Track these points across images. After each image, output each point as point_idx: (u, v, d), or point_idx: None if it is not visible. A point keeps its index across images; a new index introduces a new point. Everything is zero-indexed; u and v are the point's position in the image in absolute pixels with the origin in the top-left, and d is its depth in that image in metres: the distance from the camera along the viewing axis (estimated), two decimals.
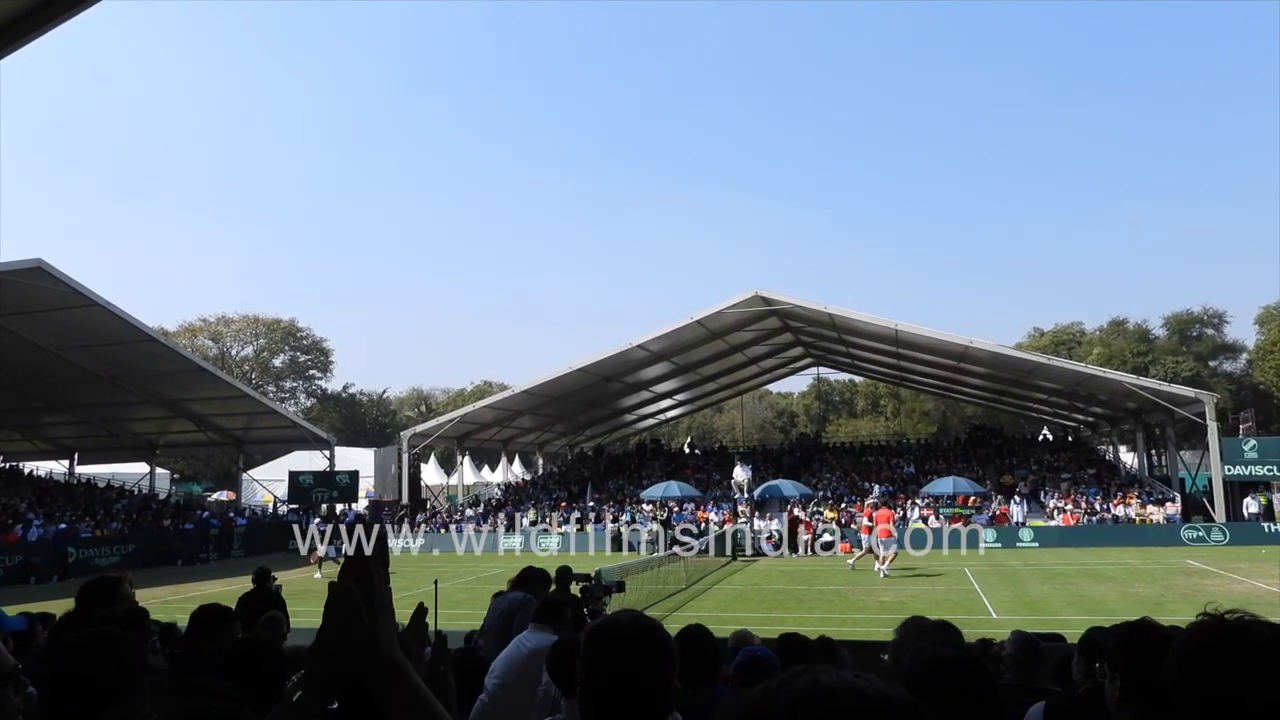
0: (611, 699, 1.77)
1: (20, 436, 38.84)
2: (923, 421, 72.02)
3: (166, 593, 21.26)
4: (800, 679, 0.88)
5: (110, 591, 3.54)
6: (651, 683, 1.78)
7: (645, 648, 1.81)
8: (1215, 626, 1.48)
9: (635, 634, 1.84)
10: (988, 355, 32.06)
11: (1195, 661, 1.44)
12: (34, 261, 25.47)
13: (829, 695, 0.84)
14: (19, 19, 6.00)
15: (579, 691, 1.85)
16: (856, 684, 0.86)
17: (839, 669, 0.89)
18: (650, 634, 1.85)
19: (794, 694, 0.86)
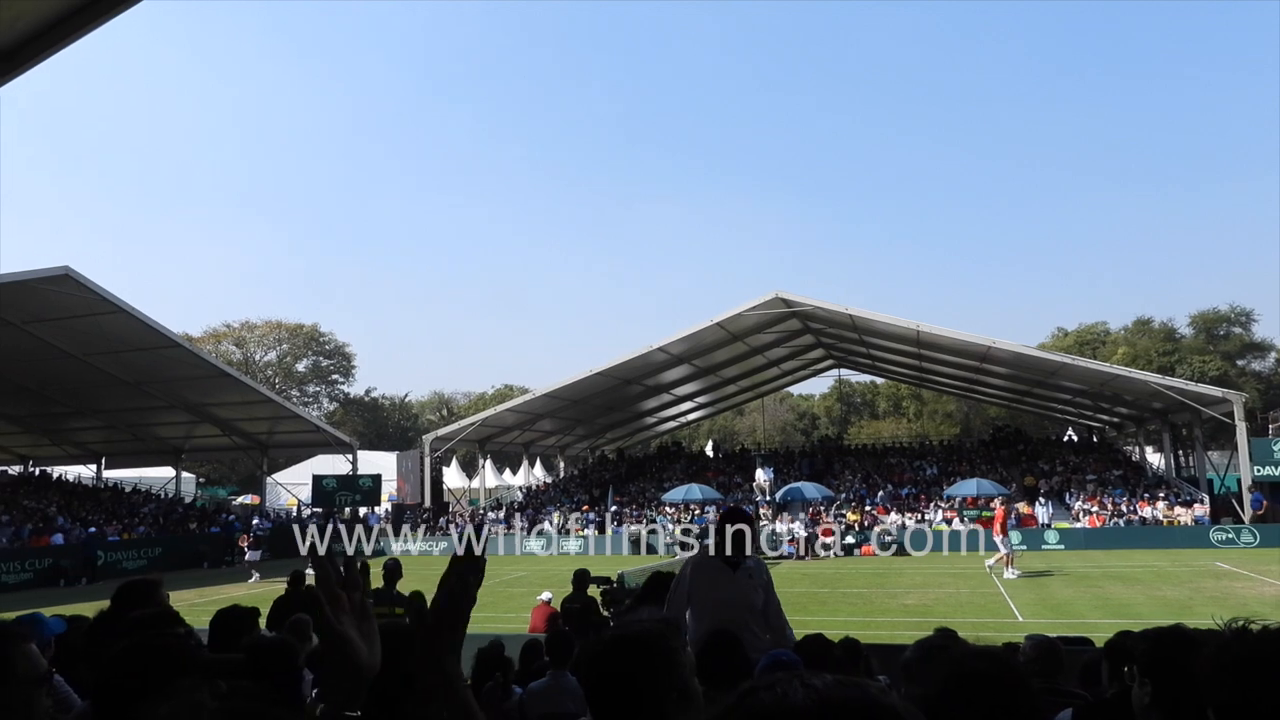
0: (605, 707, 1.77)
1: (49, 441, 39.38)
2: (945, 423, 71.51)
3: (193, 595, 21.47)
4: (745, 702, 0.81)
5: (147, 594, 3.59)
6: (641, 690, 1.76)
7: (633, 656, 1.80)
8: (1250, 635, 1.46)
9: (624, 643, 1.82)
10: (1011, 355, 31.80)
11: (1229, 670, 1.43)
12: (61, 269, 25.83)
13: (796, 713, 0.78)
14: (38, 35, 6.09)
15: (590, 707, 1.85)
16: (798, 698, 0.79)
17: (791, 676, 0.83)
18: (639, 642, 1.82)
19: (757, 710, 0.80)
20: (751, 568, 5.47)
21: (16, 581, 25.81)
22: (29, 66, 6.26)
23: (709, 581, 5.44)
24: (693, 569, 5.60)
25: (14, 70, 6.33)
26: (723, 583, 5.38)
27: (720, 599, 5.36)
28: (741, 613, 5.25)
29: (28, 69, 6.31)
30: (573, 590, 10.50)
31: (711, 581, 5.43)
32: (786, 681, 0.81)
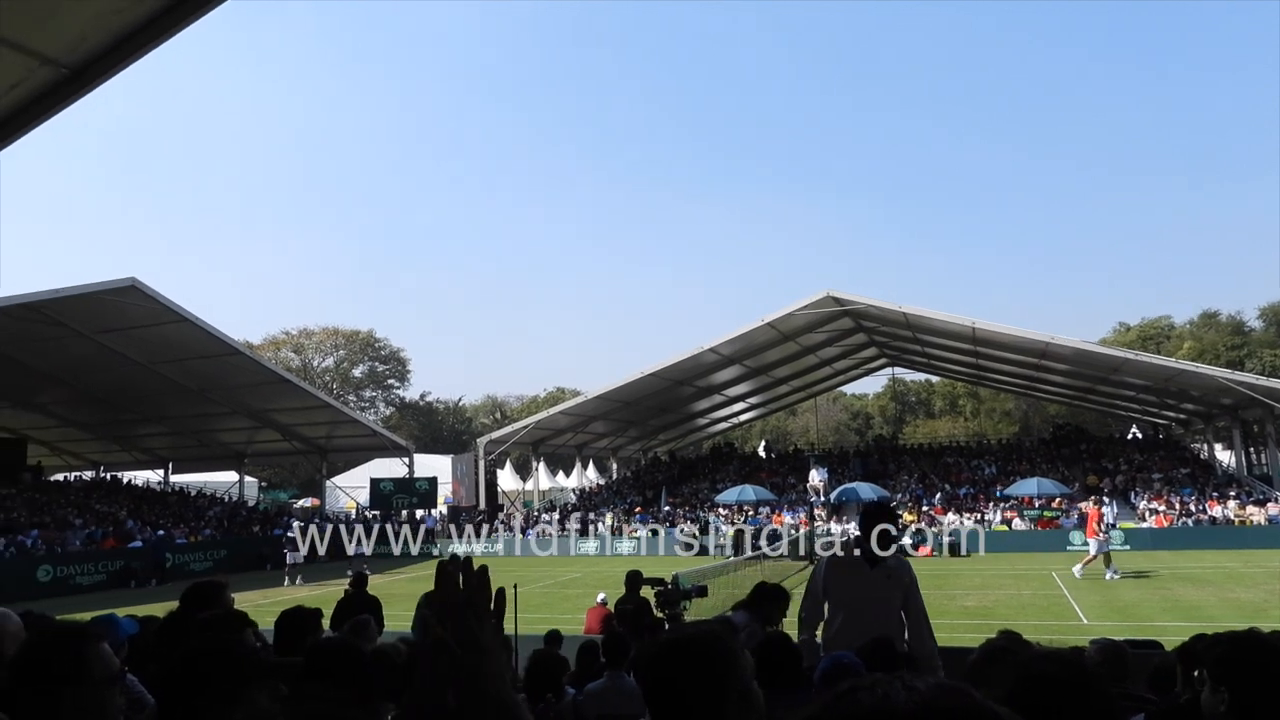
0: (665, 710, 1.76)
1: (119, 448, 40.65)
2: (1003, 421, 70.14)
3: (257, 596, 21.96)
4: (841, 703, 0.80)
5: (214, 595, 3.68)
6: (702, 693, 1.75)
7: (690, 658, 1.78)
8: None
9: (683, 645, 1.81)
10: (1071, 352, 31.04)
11: None
12: (128, 280, 26.67)
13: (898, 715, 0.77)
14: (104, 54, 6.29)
15: (649, 709, 1.85)
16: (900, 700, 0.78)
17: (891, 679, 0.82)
18: (698, 644, 1.81)
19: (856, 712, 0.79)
20: (893, 567, 5.27)
21: (90, 583, 26.68)
22: (96, 85, 6.47)
23: (843, 580, 5.30)
24: (826, 567, 5.48)
25: (82, 88, 6.54)
26: (859, 582, 5.23)
27: (855, 598, 5.21)
28: (878, 614, 5.08)
29: (94, 87, 6.52)
30: (626, 591, 10.51)
31: (846, 580, 5.29)
32: (888, 683, 0.80)
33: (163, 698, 1.90)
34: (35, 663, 2.07)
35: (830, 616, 5.30)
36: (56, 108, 6.65)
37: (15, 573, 24.38)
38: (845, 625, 5.16)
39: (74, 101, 6.61)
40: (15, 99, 6.56)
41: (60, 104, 6.63)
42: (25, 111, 6.71)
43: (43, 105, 6.64)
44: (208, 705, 1.84)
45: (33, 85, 6.44)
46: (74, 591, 25.44)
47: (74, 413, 36.13)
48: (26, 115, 6.76)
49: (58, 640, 2.11)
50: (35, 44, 6.12)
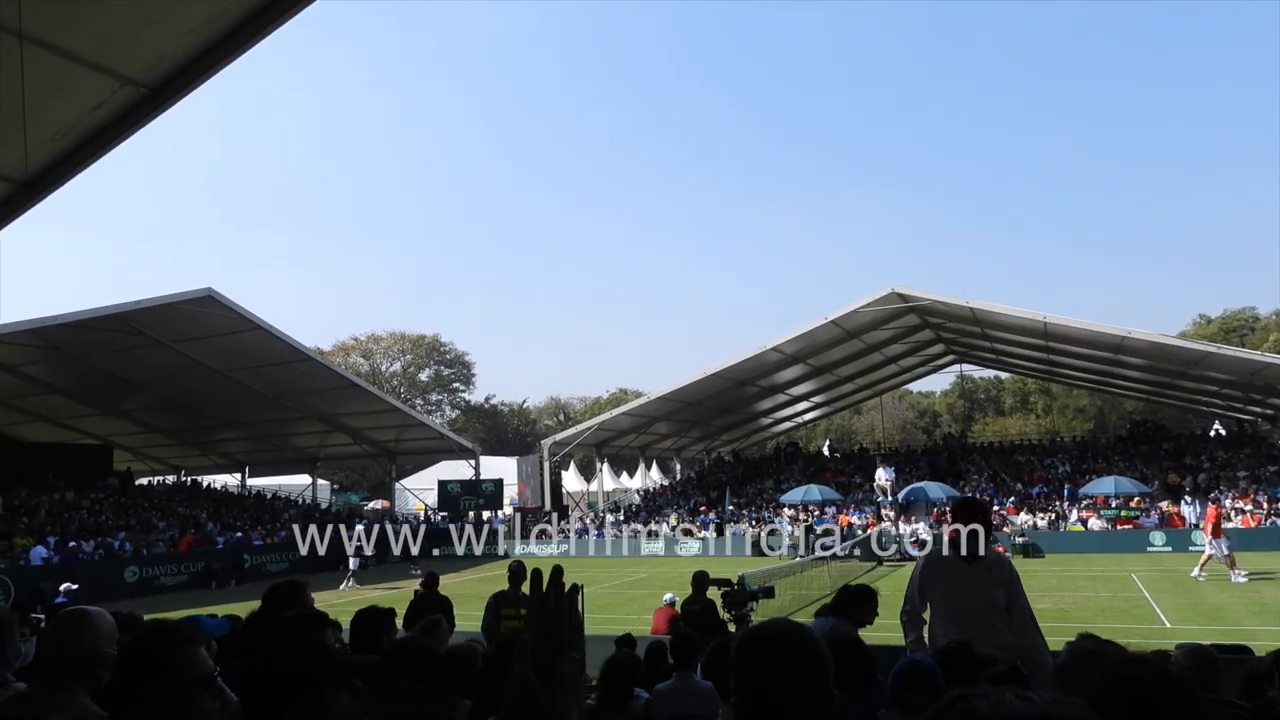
0: (763, 709, 1.75)
1: (199, 452, 42.05)
2: (1077, 418, 68.19)
3: (331, 596, 22.49)
4: (957, 707, 0.81)
5: (295, 594, 3.78)
6: (803, 691, 1.75)
7: (794, 656, 1.79)
8: None
9: (784, 642, 1.82)
10: (1148, 346, 30.03)
11: None
12: (204, 290, 27.58)
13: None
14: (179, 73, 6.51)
15: (734, 700, 1.84)
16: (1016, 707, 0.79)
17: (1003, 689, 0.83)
18: (799, 641, 1.83)
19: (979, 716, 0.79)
20: (992, 562, 5.21)
21: (174, 583, 27.67)
22: (173, 102, 6.71)
23: (943, 580, 5.23)
24: (924, 567, 5.41)
25: (160, 106, 6.78)
26: (959, 580, 5.15)
27: (956, 597, 5.13)
28: (980, 611, 5.00)
29: (171, 104, 6.76)
30: (692, 592, 10.49)
31: (946, 579, 5.22)
32: (999, 692, 0.82)
33: (247, 698, 1.96)
34: (130, 661, 2.15)
35: (932, 617, 5.23)
36: (136, 126, 6.91)
37: (104, 573, 25.38)
38: (947, 625, 5.08)
39: (153, 119, 6.86)
40: (99, 119, 6.83)
41: (140, 122, 6.89)
42: (108, 130, 6.99)
43: (124, 124, 6.90)
44: (293, 705, 1.88)
45: (115, 105, 6.71)
46: (159, 592, 26.41)
47: (156, 419, 37.46)
48: (109, 134, 7.03)
49: (153, 640, 2.18)
50: (116, 65, 6.38)
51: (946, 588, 5.18)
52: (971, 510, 5.26)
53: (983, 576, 5.10)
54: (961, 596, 5.09)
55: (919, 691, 3.26)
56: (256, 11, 6.02)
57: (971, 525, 5.15)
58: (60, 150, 7.22)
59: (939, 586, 5.22)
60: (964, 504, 5.40)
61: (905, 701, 3.27)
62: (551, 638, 1.36)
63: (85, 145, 7.16)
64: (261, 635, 3.09)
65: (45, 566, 24.50)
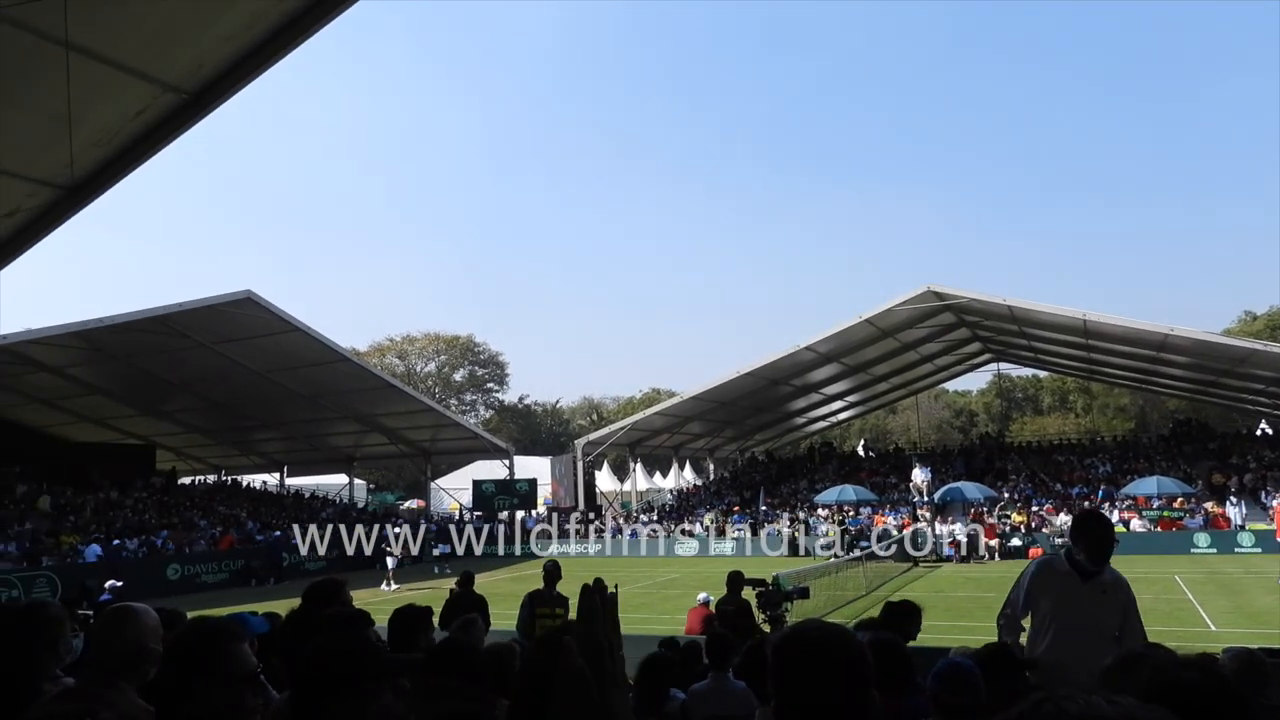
0: (807, 710, 1.74)
1: (238, 452, 42.72)
2: (1118, 418, 67.04)
3: (367, 595, 22.73)
4: (1043, 708, 0.81)
5: (334, 592, 3.83)
6: (847, 692, 1.74)
7: (839, 656, 1.77)
8: None
9: (828, 642, 1.81)
10: (1191, 344, 29.43)
11: None
12: (244, 293, 28.02)
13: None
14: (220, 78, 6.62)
15: (775, 702, 1.83)
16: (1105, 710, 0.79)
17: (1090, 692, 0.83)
18: (843, 642, 1.81)
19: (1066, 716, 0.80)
20: (1109, 583, 4.73)
21: (215, 581, 28.15)
22: (213, 107, 6.83)
23: (1050, 592, 4.82)
24: (1033, 573, 4.98)
25: (201, 111, 6.89)
26: (1069, 596, 4.73)
27: (1062, 612, 4.73)
28: (1084, 633, 4.54)
29: (212, 110, 6.88)
30: (727, 592, 10.46)
31: (1054, 593, 4.80)
32: (1087, 694, 0.83)
33: (295, 695, 1.99)
34: (178, 658, 2.19)
35: (1036, 629, 4.87)
36: (179, 130, 7.04)
37: (147, 571, 25.88)
38: (1054, 643, 4.72)
39: (194, 124, 6.99)
40: (142, 124, 6.96)
41: (182, 127, 7.01)
42: (150, 136, 7.12)
43: (166, 129, 7.03)
44: (340, 702, 1.91)
45: (157, 111, 6.84)
46: (200, 589, 26.86)
47: (197, 419, 38.12)
48: (151, 139, 7.16)
49: (200, 637, 2.22)
50: (157, 72, 6.50)
51: (1054, 601, 4.79)
52: (1092, 525, 4.85)
53: (1096, 597, 4.70)
54: (1068, 613, 4.71)
55: (959, 693, 3.23)
56: (293, 18, 6.10)
57: (1091, 541, 4.73)
58: (104, 156, 7.37)
59: (1046, 598, 4.83)
60: (1086, 518, 5.00)
61: (945, 703, 3.23)
62: (597, 639, 1.38)
63: (128, 151, 7.31)
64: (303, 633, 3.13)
65: (91, 564, 25.05)
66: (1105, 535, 4.76)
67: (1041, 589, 4.87)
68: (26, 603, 3.06)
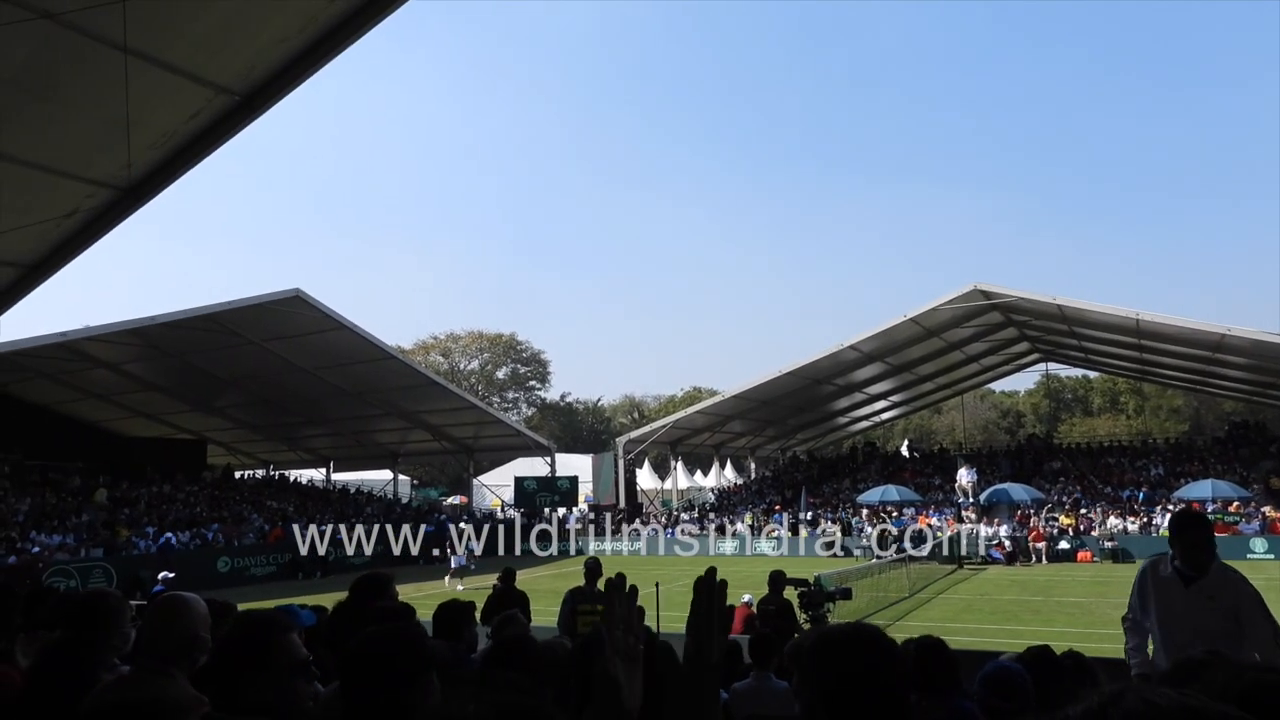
0: (833, 712, 1.74)
1: (286, 448, 43.47)
2: (1171, 419, 65.52)
3: (411, 589, 22.99)
4: (1128, 698, 0.81)
5: (382, 586, 3.89)
6: (873, 694, 1.73)
7: (864, 658, 1.76)
8: None
9: (855, 644, 1.79)
10: (1249, 344, 28.63)
11: None
12: (293, 291, 28.52)
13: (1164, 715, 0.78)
14: (270, 80, 6.74)
15: (801, 703, 1.83)
16: (1191, 703, 0.79)
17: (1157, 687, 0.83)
18: (871, 643, 1.80)
19: (1127, 713, 0.80)
20: (1216, 587, 4.43)
21: (263, 574, 28.73)
22: (265, 109, 6.96)
23: (1156, 597, 4.63)
24: (1140, 577, 4.81)
25: (253, 113, 7.04)
26: (1172, 602, 4.53)
27: (1167, 620, 4.55)
28: (1188, 638, 4.24)
29: (264, 111, 7.01)
30: (769, 592, 10.43)
31: (1159, 598, 4.61)
32: (1143, 691, 0.83)
33: (344, 685, 2.02)
34: (232, 648, 2.25)
35: (1154, 636, 4.71)
36: (231, 132, 7.19)
37: (198, 563, 26.48)
38: (1160, 647, 4.58)
39: (246, 125, 7.13)
40: (196, 126, 7.13)
41: (235, 128, 7.16)
42: (204, 137, 7.28)
43: (219, 130, 7.19)
44: (390, 692, 1.94)
45: (211, 113, 6.99)
46: (249, 582, 27.40)
47: (247, 415, 38.87)
48: (206, 140, 7.32)
49: (253, 627, 2.28)
50: (211, 75, 6.65)
51: (1159, 608, 4.62)
52: (1188, 526, 4.59)
53: (1200, 602, 4.43)
54: (1173, 620, 4.51)
55: (1008, 698, 3.19)
56: (343, 20, 6.20)
57: (1186, 546, 4.50)
58: (160, 158, 7.56)
59: (1154, 603, 4.65)
60: (1180, 518, 4.74)
61: (993, 708, 3.19)
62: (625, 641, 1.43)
63: (183, 152, 7.49)
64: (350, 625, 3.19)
65: (144, 556, 25.69)
66: (1198, 539, 4.48)
67: (1148, 594, 4.69)
68: (89, 591, 3.15)
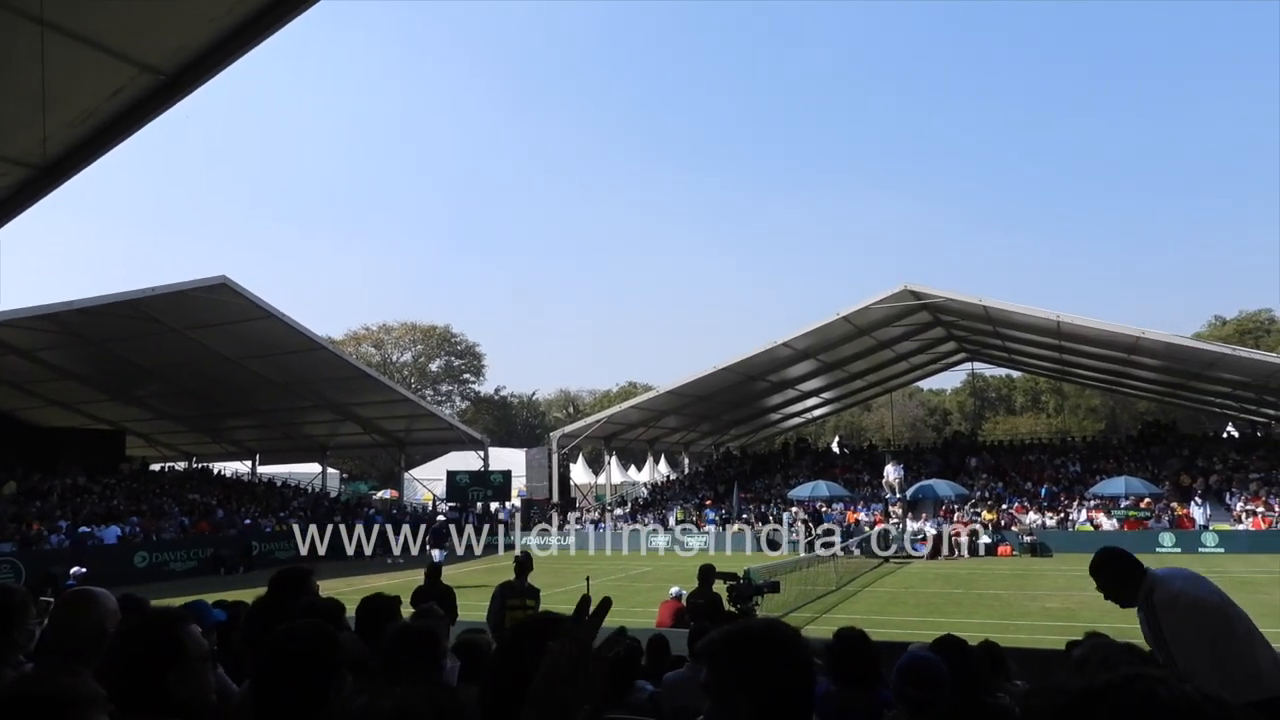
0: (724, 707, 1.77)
1: (210, 439, 42.29)
2: (1089, 418, 67.95)
3: (340, 584, 22.59)
4: (1136, 685, 0.82)
5: (301, 582, 3.82)
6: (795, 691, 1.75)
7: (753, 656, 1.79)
8: None
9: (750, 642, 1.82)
10: (1162, 347, 29.86)
11: None
12: (218, 278, 27.70)
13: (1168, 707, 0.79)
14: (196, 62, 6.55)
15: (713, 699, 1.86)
16: (1190, 694, 0.81)
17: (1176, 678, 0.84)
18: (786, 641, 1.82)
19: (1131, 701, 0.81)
20: (1149, 608, 4.34)
21: (183, 569, 27.88)
22: (190, 90, 6.75)
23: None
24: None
25: (178, 94, 6.81)
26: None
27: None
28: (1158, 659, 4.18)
29: (189, 92, 6.80)
30: (698, 585, 10.52)
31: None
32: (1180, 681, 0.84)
33: (257, 682, 1.99)
34: (139, 645, 2.19)
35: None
36: (155, 112, 6.95)
37: (115, 558, 25.58)
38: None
39: (170, 107, 6.90)
40: (119, 104, 6.87)
41: (159, 108, 6.93)
42: (128, 116, 7.03)
43: (143, 110, 6.94)
44: (303, 686, 1.91)
45: (134, 91, 6.75)
46: (168, 577, 26.58)
47: (169, 405, 37.70)
48: (128, 120, 7.07)
49: (158, 623, 2.22)
50: (135, 52, 6.41)
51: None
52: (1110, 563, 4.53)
53: (1146, 624, 4.43)
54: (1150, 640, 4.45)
55: (924, 686, 3.27)
56: (274, 2, 6.04)
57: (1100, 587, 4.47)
58: (78, 136, 7.27)
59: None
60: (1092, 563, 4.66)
61: (910, 697, 3.27)
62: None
63: (103, 131, 7.21)
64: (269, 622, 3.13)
65: (56, 551, 24.73)
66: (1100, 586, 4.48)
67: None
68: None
